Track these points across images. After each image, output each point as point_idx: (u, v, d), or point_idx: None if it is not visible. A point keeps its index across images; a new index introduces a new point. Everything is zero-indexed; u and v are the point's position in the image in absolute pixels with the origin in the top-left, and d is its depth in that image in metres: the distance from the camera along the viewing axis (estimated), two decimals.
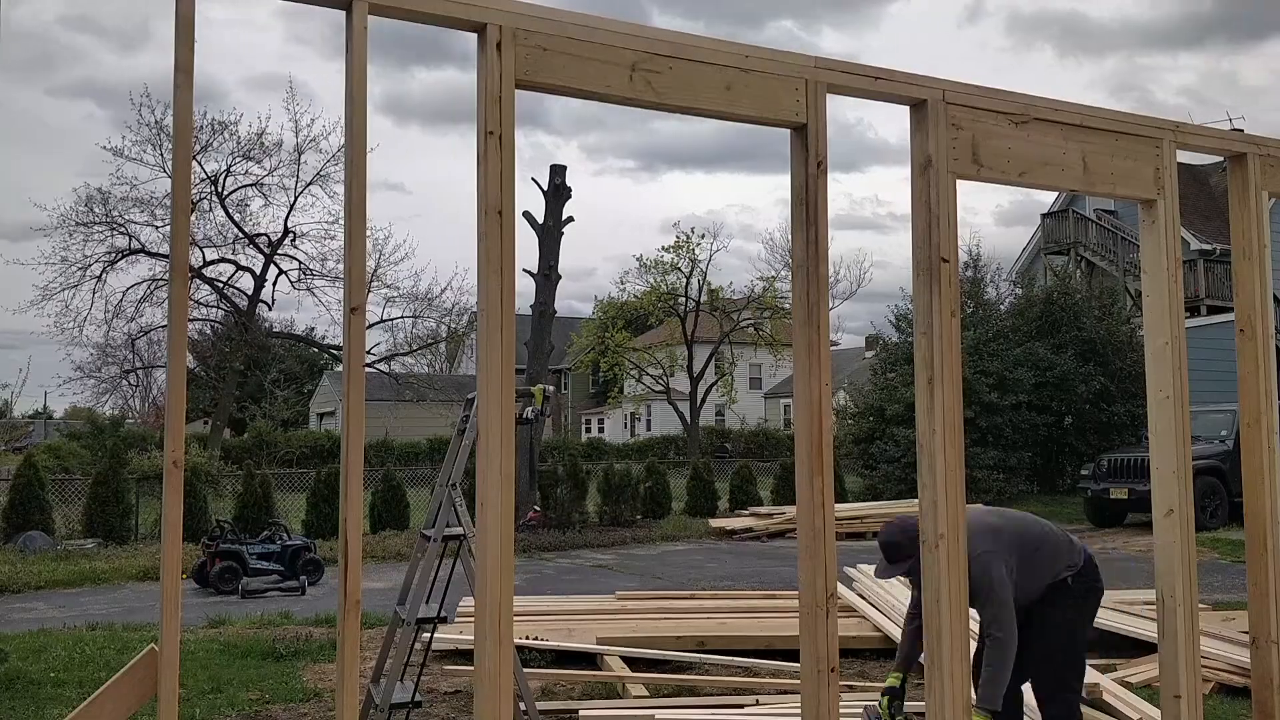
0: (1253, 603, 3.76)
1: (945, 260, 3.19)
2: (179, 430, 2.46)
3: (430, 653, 5.93)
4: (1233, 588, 9.97)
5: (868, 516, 17.31)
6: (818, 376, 3.05)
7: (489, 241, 2.70)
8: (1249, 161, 3.90)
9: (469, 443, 5.03)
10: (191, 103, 2.50)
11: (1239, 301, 3.88)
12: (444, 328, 31.39)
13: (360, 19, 2.58)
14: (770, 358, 38.71)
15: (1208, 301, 23.83)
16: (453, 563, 5.13)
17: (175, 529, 2.43)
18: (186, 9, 2.46)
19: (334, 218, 26.91)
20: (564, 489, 17.63)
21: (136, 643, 8.06)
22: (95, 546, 14.82)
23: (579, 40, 2.81)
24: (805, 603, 3.03)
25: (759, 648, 7.10)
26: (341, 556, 2.50)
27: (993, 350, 20.97)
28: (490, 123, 2.69)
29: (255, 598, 11.32)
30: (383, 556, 13.95)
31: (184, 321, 2.52)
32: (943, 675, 3.10)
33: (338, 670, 2.52)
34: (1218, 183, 28.10)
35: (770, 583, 10.70)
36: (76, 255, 25.26)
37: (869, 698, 5.96)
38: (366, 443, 3.41)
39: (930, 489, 3.16)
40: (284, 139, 29.38)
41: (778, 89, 3.06)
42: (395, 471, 18.25)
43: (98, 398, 28.15)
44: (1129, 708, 5.44)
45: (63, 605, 10.92)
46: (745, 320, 35.01)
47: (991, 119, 3.35)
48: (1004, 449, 20.76)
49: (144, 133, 24.72)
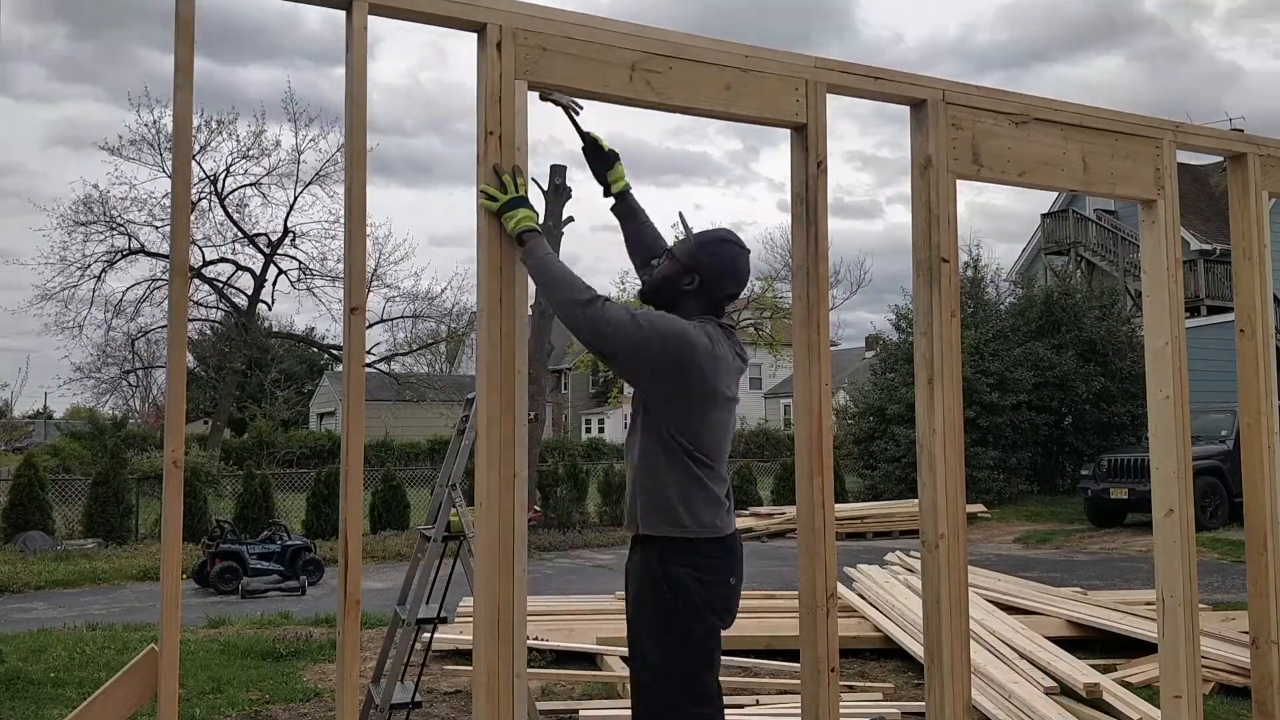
0: (1253, 603, 3.77)
1: (945, 260, 3.19)
2: (179, 430, 2.46)
3: (430, 653, 5.93)
4: (1233, 588, 9.97)
5: (868, 516, 17.31)
6: (818, 376, 3.05)
7: (489, 241, 2.70)
8: (1249, 161, 3.90)
9: (469, 443, 5.03)
10: (191, 103, 2.50)
11: (1239, 301, 3.88)
12: (444, 328, 31.39)
13: (360, 19, 2.58)
14: (770, 358, 38.71)
15: (1208, 301, 23.81)
16: (453, 563, 5.13)
17: (175, 529, 2.43)
18: (186, 9, 2.46)
19: (334, 217, 26.91)
20: (564, 489, 17.64)
21: (136, 643, 8.06)
22: (95, 546, 14.81)
23: (579, 40, 2.81)
24: (805, 603, 3.03)
25: (759, 648, 7.10)
26: (341, 556, 2.50)
27: (993, 350, 20.96)
28: (490, 122, 2.69)
29: (255, 598, 11.32)
30: (383, 556, 13.95)
31: (184, 321, 2.52)
32: (943, 675, 3.10)
33: (338, 670, 2.52)
34: (1218, 183, 28.09)
35: (770, 583, 10.69)
36: (75, 255, 25.28)
37: (869, 698, 5.97)
38: (366, 443, 3.42)
39: (930, 489, 3.16)
40: (283, 139, 29.38)
41: (778, 89, 3.06)
42: (395, 471, 18.25)
43: (98, 398, 28.16)
44: (1129, 708, 5.44)
45: (63, 605, 10.91)
46: (745, 320, 35.01)
47: (991, 119, 3.35)
48: (1004, 449, 20.75)
49: (143, 132, 24.75)
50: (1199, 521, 4.68)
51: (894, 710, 5.62)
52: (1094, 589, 9.64)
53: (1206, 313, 22.98)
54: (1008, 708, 5.42)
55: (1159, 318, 3.62)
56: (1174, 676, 3.51)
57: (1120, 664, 6.65)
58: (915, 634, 6.82)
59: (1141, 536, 14.77)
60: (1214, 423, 16.01)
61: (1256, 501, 3.77)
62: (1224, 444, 15.47)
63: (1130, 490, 15.92)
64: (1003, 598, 7.95)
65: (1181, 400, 3.59)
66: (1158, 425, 3.62)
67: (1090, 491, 17.02)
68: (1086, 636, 7.23)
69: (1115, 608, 7.70)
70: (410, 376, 31.16)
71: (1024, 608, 7.74)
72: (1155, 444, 3.63)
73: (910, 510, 15.73)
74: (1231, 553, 12.58)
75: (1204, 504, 15.07)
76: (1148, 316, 3.67)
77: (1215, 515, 15.47)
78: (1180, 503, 3.54)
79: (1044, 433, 21.63)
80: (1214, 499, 15.53)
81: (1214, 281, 24.17)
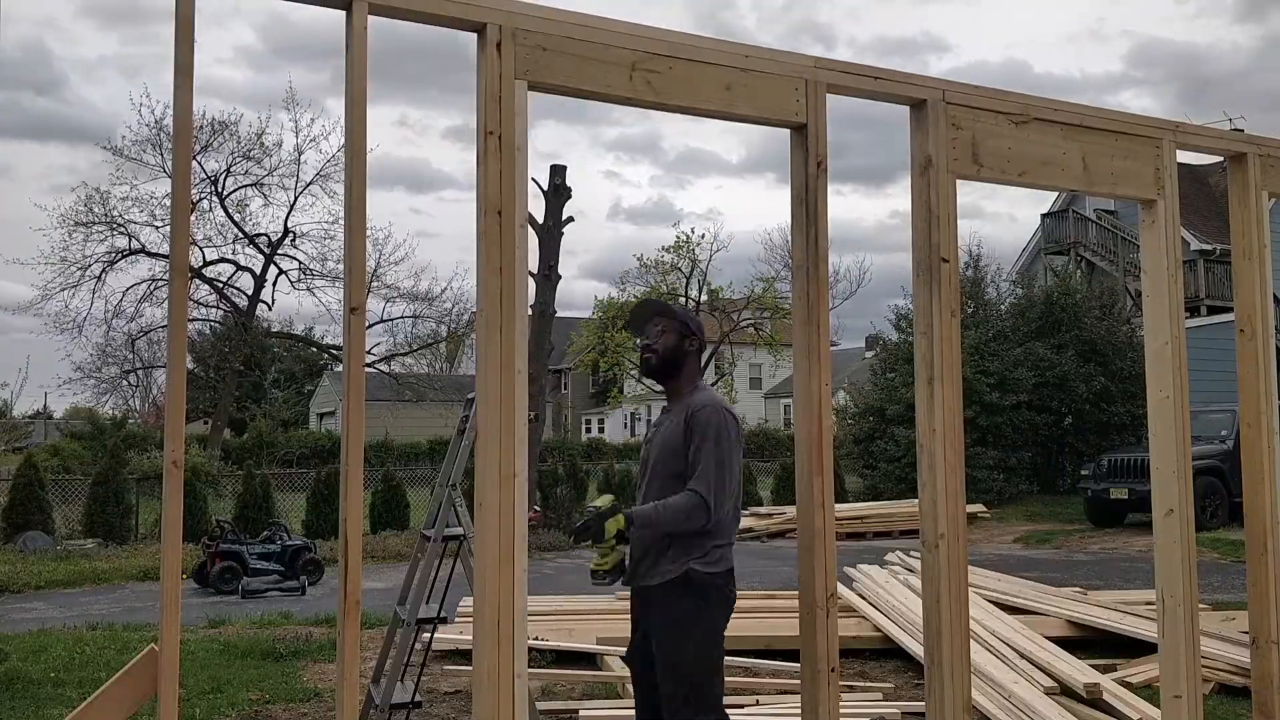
0: (1253, 603, 3.76)
1: (945, 260, 3.19)
2: (179, 430, 2.46)
3: (430, 653, 5.93)
4: (1233, 588, 9.97)
5: (868, 516, 17.32)
6: (818, 376, 3.05)
7: (488, 241, 2.70)
8: (1249, 161, 3.90)
9: (469, 443, 5.03)
10: (191, 103, 2.50)
11: (1239, 301, 3.88)
12: (444, 328, 31.41)
13: (360, 19, 2.58)
14: (770, 358, 38.72)
15: (1208, 301, 23.80)
16: (453, 563, 5.13)
17: (175, 529, 2.42)
18: (186, 9, 2.46)
19: (334, 218, 26.93)
20: (564, 489, 17.64)
21: (136, 643, 8.06)
22: (95, 546, 14.82)
23: (579, 40, 2.81)
24: (805, 603, 3.03)
25: (759, 648, 7.10)
26: (341, 556, 2.50)
27: (993, 350, 20.97)
28: (490, 123, 2.69)
29: (255, 598, 11.32)
30: (383, 556, 13.95)
31: (184, 321, 2.52)
32: (943, 675, 3.10)
33: (338, 670, 2.52)
34: (1218, 183, 28.08)
35: (770, 583, 10.69)
36: (76, 255, 25.28)
37: (869, 698, 5.96)
38: (366, 443, 3.42)
39: (930, 489, 3.16)
40: (284, 139, 29.40)
41: (778, 89, 3.06)
42: (395, 471, 18.26)
43: (98, 398, 28.18)
44: (1129, 708, 5.44)
45: (63, 605, 10.91)
46: (745, 320, 35.03)
47: (991, 119, 3.35)
48: (1004, 449, 20.75)
49: (143, 132, 24.75)
50: (1199, 521, 4.67)
51: (894, 710, 5.63)
52: (1094, 589, 9.64)
53: (1206, 313, 22.97)
54: (1008, 708, 5.42)
55: (1159, 318, 3.62)
56: (1174, 676, 3.51)
57: (1120, 664, 6.65)
58: (915, 634, 6.82)
59: (1141, 536, 14.77)
60: (1214, 423, 16.01)
61: (1256, 502, 3.77)
62: (1224, 444, 15.47)
63: (1130, 490, 15.93)
64: (1003, 598, 7.95)
65: (1181, 400, 3.59)
66: (1158, 425, 3.61)
67: (1090, 491, 17.03)
68: (1086, 636, 7.24)
69: (1115, 608, 7.70)
70: (410, 376, 31.18)
71: (1024, 608, 7.74)
72: (1155, 444, 3.62)
73: (910, 510, 15.73)
74: (1231, 553, 12.58)
75: (1204, 504, 15.07)
76: (1148, 316, 3.67)
77: (1215, 515, 15.47)
78: (1180, 503, 3.53)
79: (1044, 433, 21.63)
80: (1214, 499, 15.53)
81: (1214, 281, 24.15)
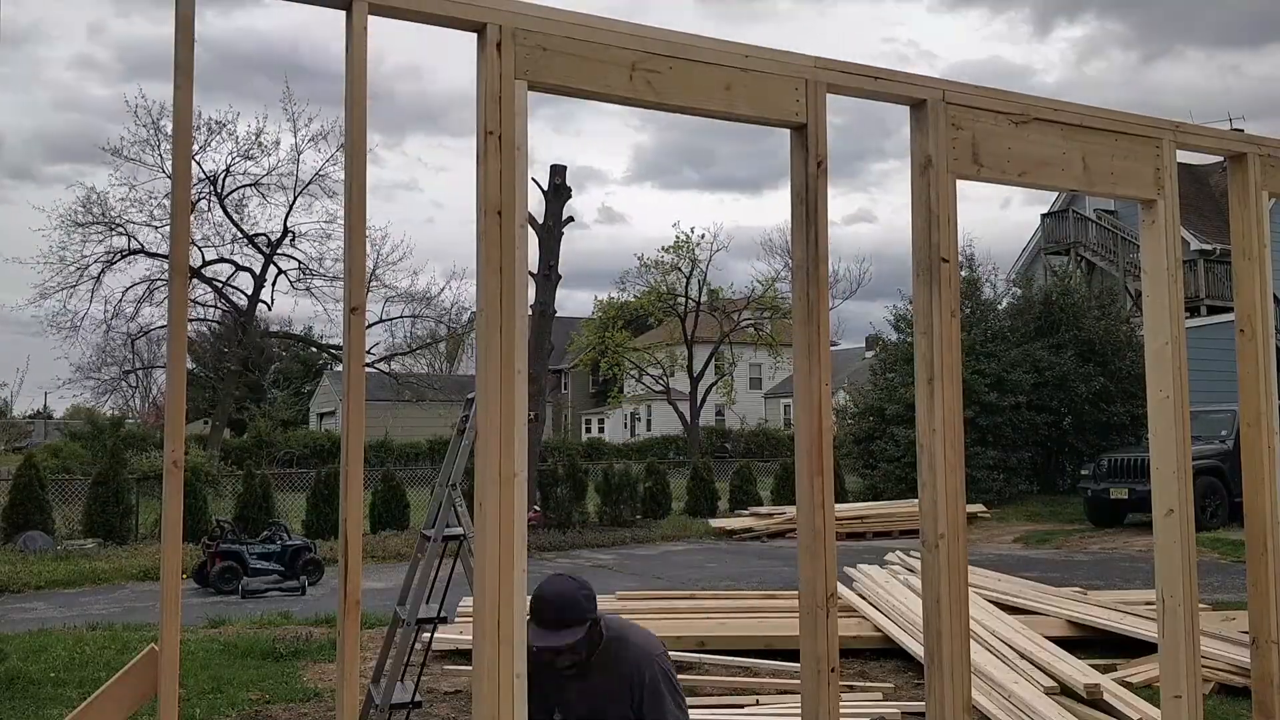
0: (1253, 603, 3.76)
1: (945, 260, 3.19)
2: (179, 430, 2.46)
3: (430, 653, 5.93)
4: (1233, 588, 9.97)
5: (868, 516, 17.32)
6: (818, 376, 3.05)
7: (488, 241, 2.70)
8: (1249, 161, 3.90)
9: (469, 443, 5.03)
10: (191, 103, 2.50)
11: (1239, 301, 3.88)
12: (444, 328, 31.41)
13: (360, 19, 2.58)
14: (770, 358, 38.72)
15: (1208, 301, 23.80)
16: (453, 563, 5.13)
17: (175, 529, 2.42)
18: (186, 9, 2.46)
19: (333, 217, 26.93)
20: (564, 489, 17.64)
21: (136, 643, 8.06)
22: (95, 546, 14.81)
23: (579, 40, 2.81)
24: (805, 603, 3.03)
25: (759, 648, 7.10)
26: (341, 556, 2.49)
27: (992, 350, 20.97)
28: (490, 122, 2.69)
29: (255, 598, 11.32)
30: (383, 556, 13.95)
31: (184, 321, 2.52)
32: (943, 675, 3.10)
33: (338, 670, 2.52)
34: (1218, 183, 28.08)
35: (770, 583, 10.70)
36: (74, 255, 25.27)
37: (869, 698, 5.97)
38: (366, 443, 3.41)
39: (930, 489, 3.16)
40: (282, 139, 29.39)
41: (778, 89, 3.05)
42: (395, 471, 18.26)
43: (98, 398, 28.17)
44: (1129, 708, 5.44)
45: (63, 605, 10.91)
46: (745, 320, 35.03)
47: (991, 119, 3.35)
48: (1004, 449, 20.75)
49: (142, 133, 24.74)
50: (1199, 521, 4.67)
51: (894, 710, 5.63)
52: (1094, 589, 9.64)
53: (1206, 313, 22.97)
54: (1008, 708, 5.42)
55: (1159, 318, 3.62)
56: (1174, 676, 3.51)
57: (1120, 664, 6.66)
58: (915, 634, 6.82)
59: (1141, 536, 14.78)
60: (1214, 423, 16.01)
61: (1256, 502, 3.77)
62: (1224, 444, 15.47)
63: (1130, 490, 15.93)
64: (1003, 598, 7.95)
65: (1181, 400, 3.59)
66: (1158, 425, 3.61)
67: (1090, 491, 17.03)
68: (1086, 636, 7.24)
69: (1115, 608, 7.71)
70: (410, 376, 31.16)
71: (1024, 608, 7.75)
72: (1155, 444, 3.62)
73: (910, 510, 15.74)
74: (1231, 553, 12.58)
75: (1204, 504, 15.07)
76: (1148, 317, 3.67)
77: (1215, 515, 15.48)
78: (1180, 503, 3.53)
79: (1043, 433, 21.63)
80: (1214, 499, 15.53)
81: (1214, 281, 24.16)
